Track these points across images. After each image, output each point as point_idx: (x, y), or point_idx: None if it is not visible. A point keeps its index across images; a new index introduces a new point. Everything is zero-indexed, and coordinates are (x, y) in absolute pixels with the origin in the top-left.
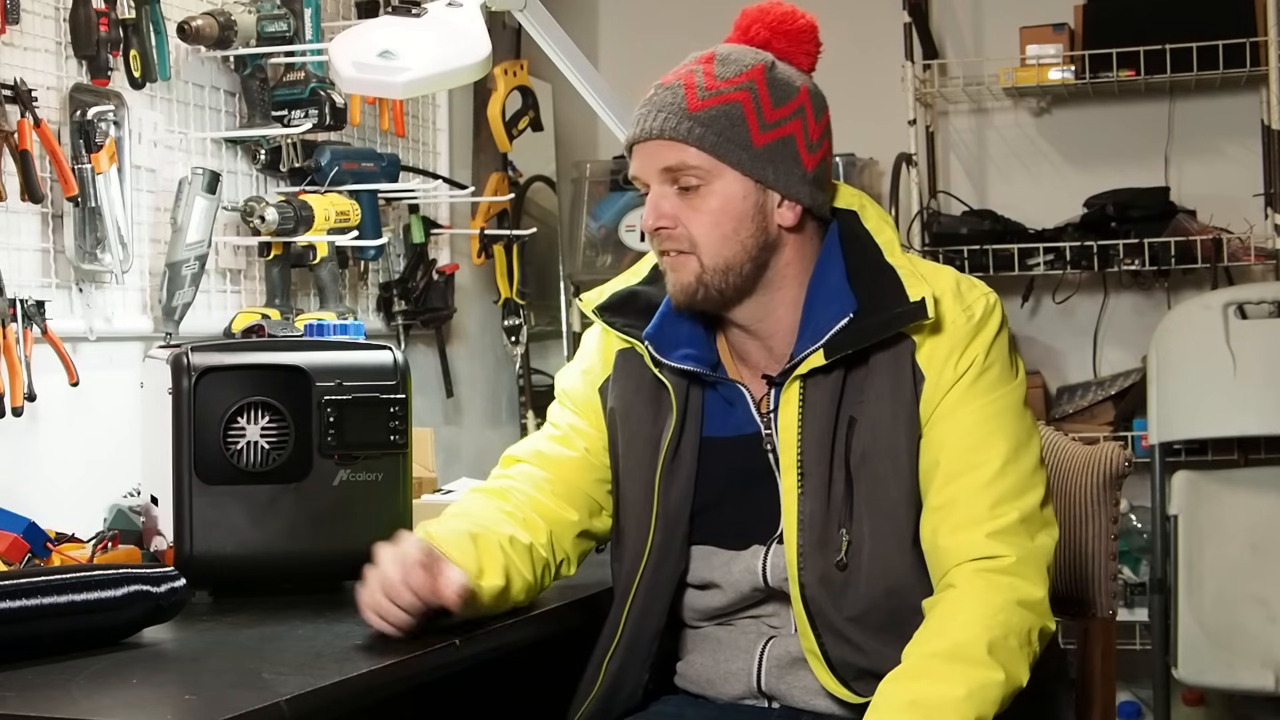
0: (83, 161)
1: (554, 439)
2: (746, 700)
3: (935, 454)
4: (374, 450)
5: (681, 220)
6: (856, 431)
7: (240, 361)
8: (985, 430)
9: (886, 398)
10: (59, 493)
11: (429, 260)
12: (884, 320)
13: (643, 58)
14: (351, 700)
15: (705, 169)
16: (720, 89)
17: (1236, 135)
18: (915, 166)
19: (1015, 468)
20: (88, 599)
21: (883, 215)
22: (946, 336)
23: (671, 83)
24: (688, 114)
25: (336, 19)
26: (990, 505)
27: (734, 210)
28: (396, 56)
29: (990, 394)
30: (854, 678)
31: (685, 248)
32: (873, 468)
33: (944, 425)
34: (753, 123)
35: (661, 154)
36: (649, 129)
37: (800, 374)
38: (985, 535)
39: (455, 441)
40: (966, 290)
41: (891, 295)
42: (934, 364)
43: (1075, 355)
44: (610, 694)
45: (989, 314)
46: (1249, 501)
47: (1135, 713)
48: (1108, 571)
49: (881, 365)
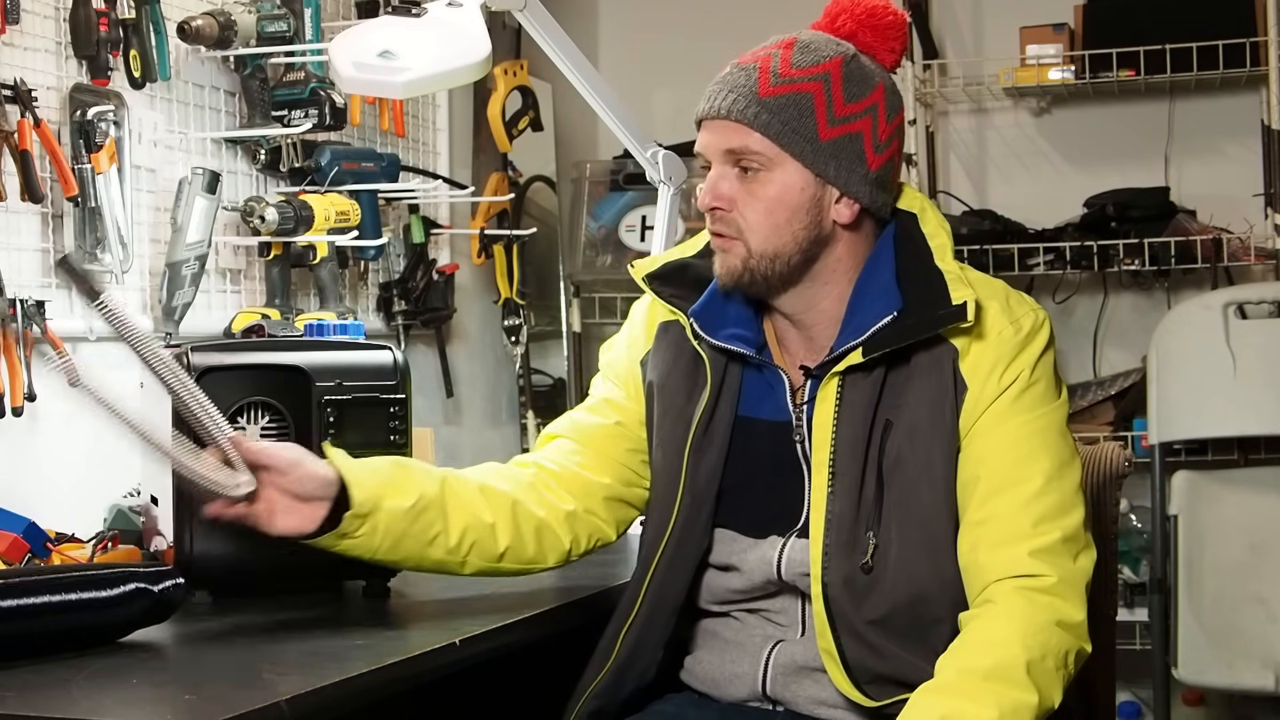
0: (83, 161)
1: (589, 409)
2: (751, 703)
3: (975, 469)
4: (374, 450)
5: (737, 204)
6: (892, 435)
7: (240, 361)
8: (1029, 447)
9: (926, 404)
10: (59, 493)
11: (429, 260)
12: (924, 320)
13: (643, 58)
14: (351, 700)
15: (767, 156)
16: (794, 77)
17: (1236, 135)
18: (915, 166)
19: (1058, 486)
20: (87, 597)
21: (941, 221)
22: (992, 348)
23: (748, 63)
24: (758, 98)
25: (336, 19)
26: (1033, 523)
27: (790, 201)
28: (396, 56)
29: (1034, 410)
30: (869, 681)
31: (734, 233)
32: (905, 473)
33: (986, 440)
34: (822, 115)
35: (726, 135)
36: (718, 107)
37: (839, 370)
38: (1027, 553)
39: (455, 441)
40: (1016, 304)
41: (936, 298)
42: (978, 375)
43: (1075, 355)
44: (624, 669)
45: (1037, 329)
46: (1249, 501)
47: (1135, 713)
48: (1108, 571)
49: (923, 370)
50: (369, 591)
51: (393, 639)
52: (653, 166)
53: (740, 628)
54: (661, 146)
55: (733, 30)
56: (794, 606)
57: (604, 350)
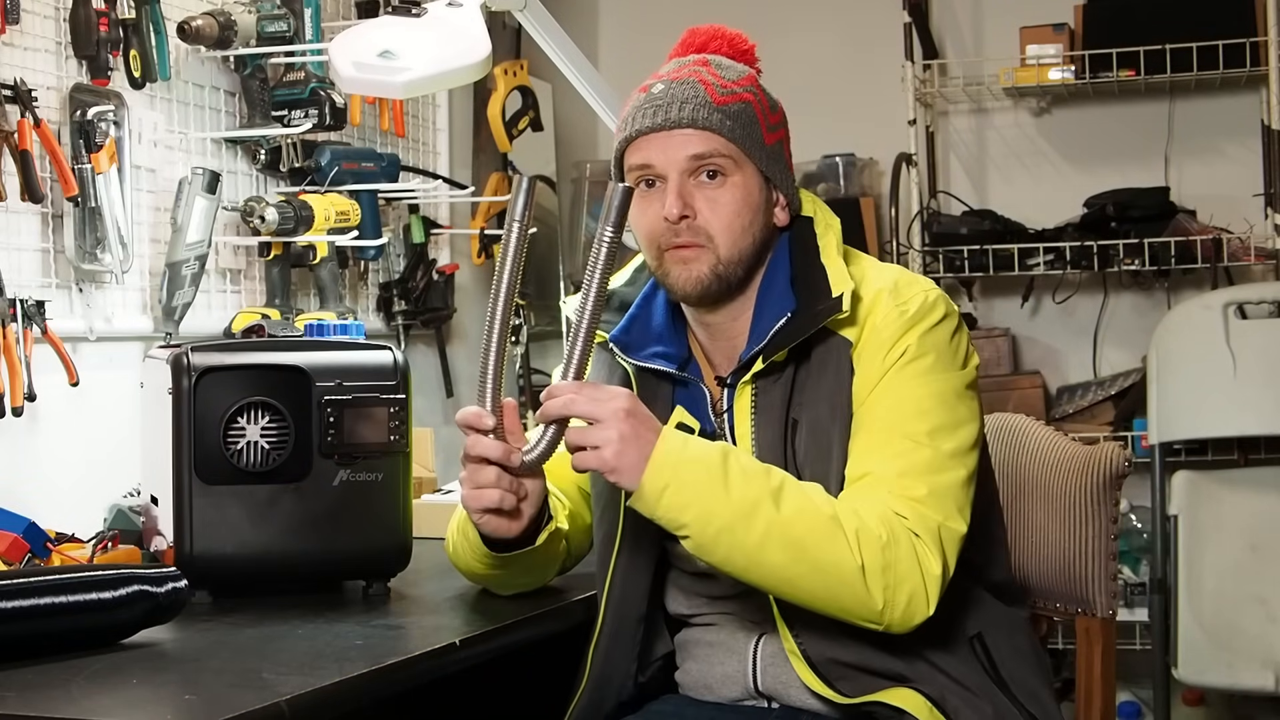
0: (83, 161)
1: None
2: (746, 701)
3: (855, 435)
4: (374, 450)
5: (703, 210)
6: (799, 432)
7: (240, 361)
8: (908, 410)
9: (825, 398)
10: (59, 493)
11: (429, 260)
12: (809, 318)
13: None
14: (351, 700)
15: (733, 158)
16: (733, 89)
17: (1236, 135)
18: (915, 166)
19: (932, 446)
20: (88, 599)
21: (830, 218)
22: (879, 332)
23: (683, 78)
24: (715, 106)
25: (336, 19)
26: (899, 474)
27: (752, 203)
28: (396, 56)
29: (916, 380)
30: (838, 678)
31: (702, 240)
32: (815, 468)
33: (869, 410)
34: (762, 123)
35: (690, 142)
36: (674, 118)
37: (748, 378)
38: (890, 496)
39: (455, 441)
40: (905, 287)
41: (820, 294)
42: (864, 359)
43: (1075, 355)
44: (600, 685)
45: (926, 309)
46: (1249, 501)
47: (1135, 713)
48: (1108, 571)
49: (821, 366)
50: (369, 591)
51: (393, 639)
52: None
53: (720, 630)
54: None
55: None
56: (767, 602)
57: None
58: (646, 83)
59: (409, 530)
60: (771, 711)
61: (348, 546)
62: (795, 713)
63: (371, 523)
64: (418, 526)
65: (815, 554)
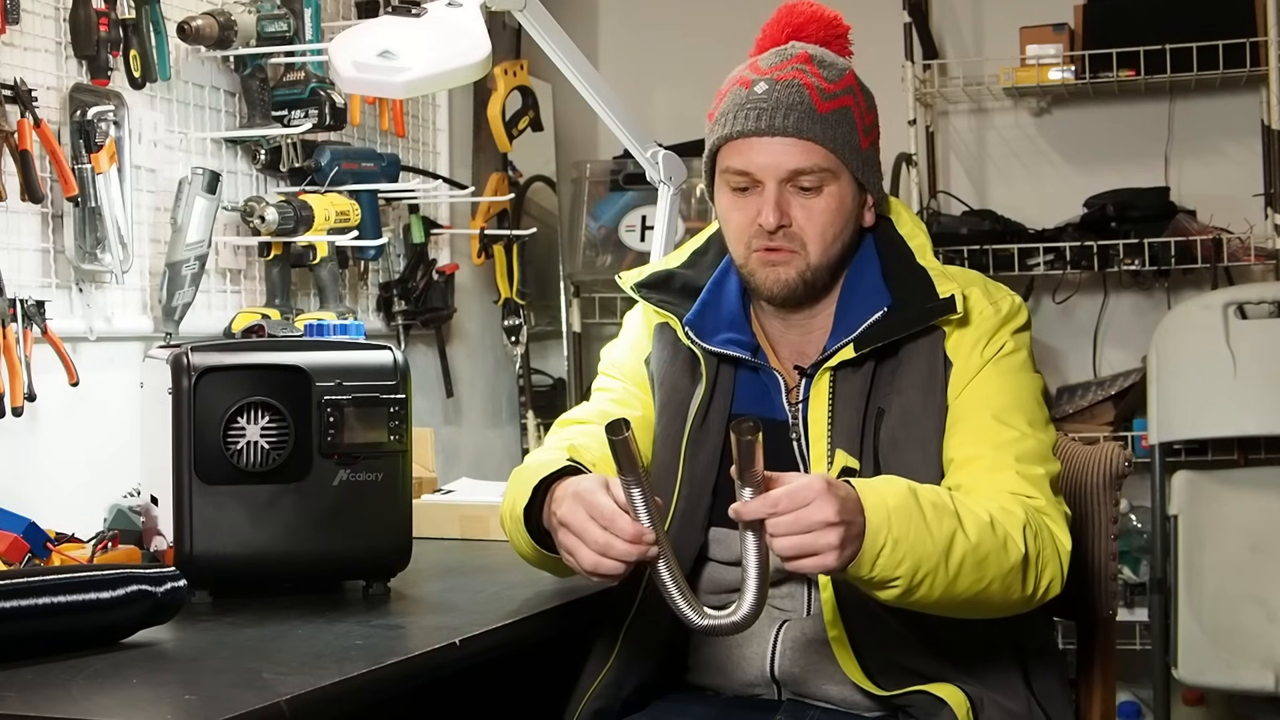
0: (83, 161)
1: (615, 401)
2: (756, 688)
3: (957, 423)
4: (374, 450)
5: (798, 218)
6: (886, 421)
7: (240, 361)
8: (1009, 400)
9: (918, 387)
10: (59, 493)
11: (429, 260)
12: (916, 314)
13: (643, 58)
14: (351, 700)
15: (831, 171)
16: (835, 92)
17: (1236, 135)
18: (915, 166)
19: (1037, 438)
20: (88, 599)
21: (918, 222)
22: (974, 328)
23: (786, 80)
24: (817, 115)
25: (336, 19)
26: (1016, 458)
27: (845, 211)
28: (396, 56)
29: (1014, 375)
30: (879, 670)
31: (795, 247)
32: (902, 455)
33: (969, 399)
34: (859, 126)
35: (791, 153)
36: (778, 125)
37: (830, 366)
38: (1015, 475)
39: (455, 441)
40: (994, 289)
41: (923, 293)
42: (961, 351)
43: (1075, 355)
44: (626, 666)
45: (1015, 311)
46: (1249, 501)
47: (1135, 713)
48: (1108, 571)
49: (912, 357)
50: (369, 591)
51: (393, 639)
52: (653, 166)
53: None
54: (661, 146)
55: (733, 30)
56: (800, 591)
57: (606, 352)
58: (745, 75)
59: (409, 530)
60: (778, 705)
61: (348, 546)
62: (803, 707)
63: (371, 523)
64: (418, 526)
65: (995, 569)
